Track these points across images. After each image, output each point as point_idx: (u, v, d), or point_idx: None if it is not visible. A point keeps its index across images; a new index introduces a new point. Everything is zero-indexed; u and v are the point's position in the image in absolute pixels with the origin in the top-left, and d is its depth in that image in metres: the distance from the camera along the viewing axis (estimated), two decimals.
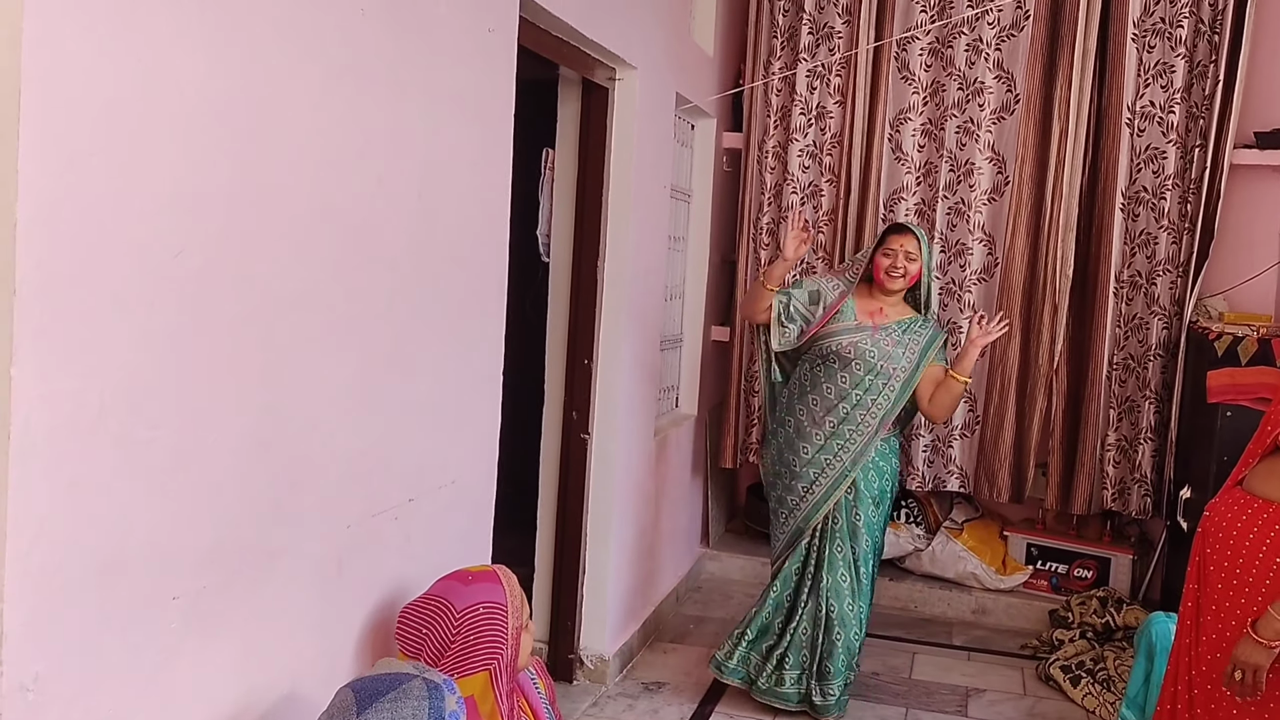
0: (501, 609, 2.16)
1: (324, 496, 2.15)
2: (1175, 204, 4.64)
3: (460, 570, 2.28)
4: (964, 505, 5.20)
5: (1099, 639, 4.42)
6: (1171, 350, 4.65)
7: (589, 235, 3.86)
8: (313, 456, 2.10)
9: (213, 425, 1.82)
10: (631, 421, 4.11)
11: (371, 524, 2.32)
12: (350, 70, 2.13)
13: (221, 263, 1.81)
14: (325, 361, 2.12)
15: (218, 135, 1.78)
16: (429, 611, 2.16)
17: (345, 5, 2.09)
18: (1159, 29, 4.62)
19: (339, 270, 2.14)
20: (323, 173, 2.07)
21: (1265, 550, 2.49)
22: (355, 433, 2.24)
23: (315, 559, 2.14)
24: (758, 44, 5.08)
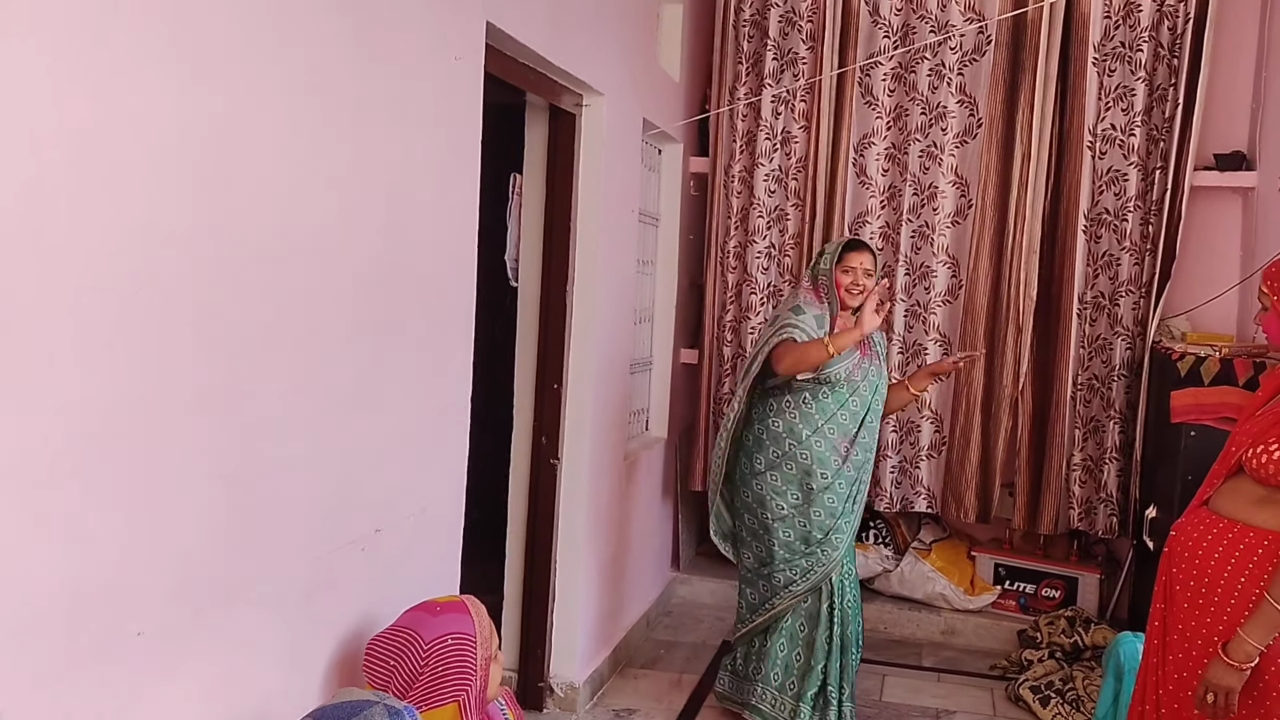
0: (470, 640, 2.15)
1: (290, 529, 2.13)
2: (1137, 225, 4.70)
3: (428, 601, 2.26)
4: (932, 526, 5.22)
5: (1068, 659, 4.44)
6: (1135, 370, 4.70)
7: (557, 260, 3.86)
8: (279, 489, 2.08)
9: (177, 459, 1.80)
10: (601, 446, 4.11)
11: (338, 555, 2.30)
12: (314, 101, 2.12)
13: (184, 296, 1.79)
14: (290, 393, 2.11)
15: (180, 168, 1.77)
16: (396, 643, 2.14)
17: (309, 36, 2.09)
18: (1119, 53, 4.69)
19: (304, 302, 2.13)
20: (287, 204, 2.06)
21: (1230, 570, 2.51)
22: (321, 464, 2.23)
23: (281, 592, 2.12)
24: (723, 70, 5.12)
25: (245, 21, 1.90)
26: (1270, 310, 2.56)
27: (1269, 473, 2.47)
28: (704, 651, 4.68)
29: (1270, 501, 2.50)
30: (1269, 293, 2.56)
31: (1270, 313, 2.56)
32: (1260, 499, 2.52)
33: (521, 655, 3.93)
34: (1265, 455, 2.48)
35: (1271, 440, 2.48)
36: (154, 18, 1.68)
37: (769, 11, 5.04)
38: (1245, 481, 2.57)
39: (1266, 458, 2.48)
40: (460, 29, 2.71)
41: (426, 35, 2.54)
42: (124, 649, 1.72)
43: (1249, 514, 2.53)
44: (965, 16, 4.79)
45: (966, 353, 3.64)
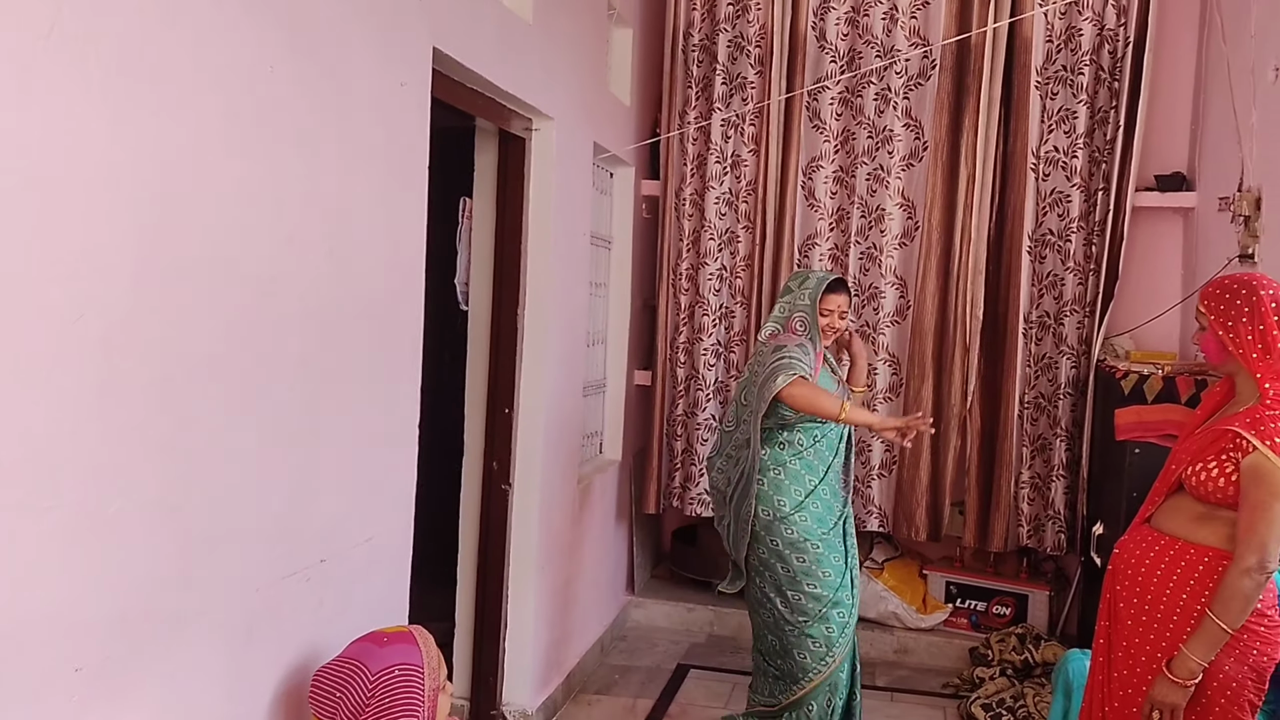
0: (418, 670, 2.13)
1: (233, 560, 2.10)
2: (1080, 246, 4.78)
3: (375, 631, 2.24)
4: (884, 544, 5.25)
5: (1019, 676, 4.48)
6: (1080, 389, 4.77)
7: (508, 283, 3.85)
8: (222, 520, 2.05)
9: (118, 491, 1.77)
10: (554, 470, 4.09)
11: (282, 587, 2.26)
12: (259, 128, 2.11)
13: (127, 325, 1.77)
14: (235, 423, 2.08)
15: (123, 197, 1.75)
16: (343, 674, 2.12)
17: (252, 63, 2.07)
18: (1061, 76, 4.78)
19: (249, 331, 2.11)
20: (231, 233, 2.04)
21: (1172, 587, 2.54)
22: (266, 494, 2.20)
23: (224, 625, 2.09)
24: (673, 94, 5.15)
25: (186, 47, 1.88)
26: (1208, 330, 2.61)
27: (1207, 490, 2.51)
28: (659, 676, 4.66)
29: (1210, 518, 2.54)
30: (1206, 312, 2.60)
31: (1208, 332, 2.61)
32: (1200, 516, 2.56)
33: (474, 683, 3.89)
34: (1204, 473, 2.52)
35: (1210, 458, 2.52)
36: (94, 46, 1.67)
37: (718, 36, 5.09)
38: (1186, 499, 2.61)
39: (1205, 475, 2.52)
40: (406, 55, 2.71)
41: (372, 61, 2.53)
42: (61, 685, 1.68)
43: (1189, 531, 2.57)
44: (910, 41, 4.86)
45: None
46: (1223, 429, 2.52)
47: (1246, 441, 2.43)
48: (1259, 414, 2.46)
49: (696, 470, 5.21)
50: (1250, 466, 2.42)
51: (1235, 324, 2.52)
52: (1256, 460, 2.41)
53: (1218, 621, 2.41)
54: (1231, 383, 2.66)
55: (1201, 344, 2.65)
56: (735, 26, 5.08)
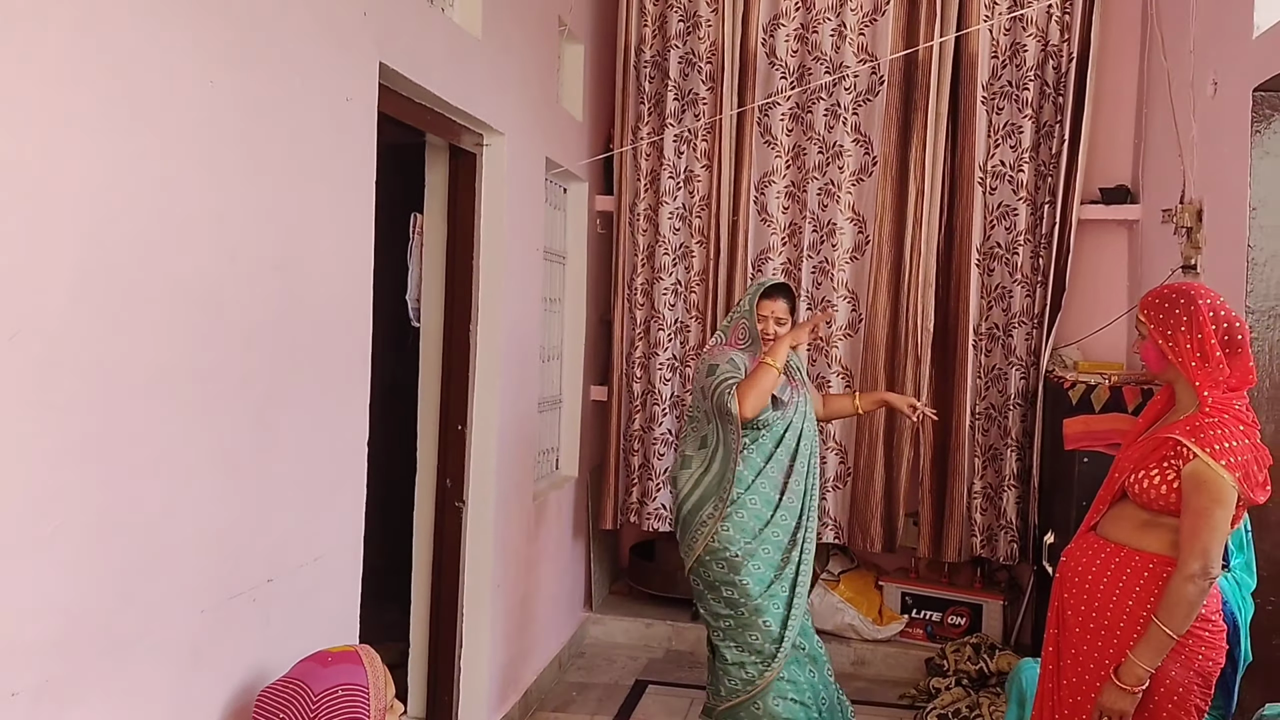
0: (362, 691, 2.10)
1: (177, 581, 2.07)
2: (1028, 258, 4.85)
3: (320, 651, 2.21)
4: (840, 557, 5.27)
5: (974, 686, 4.51)
6: (1030, 399, 4.82)
7: (460, 299, 3.84)
8: (165, 539, 2.02)
9: (58, 512, 1.74)
10: (508, 486, 4.07)
11: (229, 607, 2.23)
12: (199, 142, 2.09)
13: (65, 342, 1.75)
14: (179, 442, 2.06)
15: (58, 212, 1.73)
16: (286, 695, 2.09)
17: (192, 76, 2.06)
18: (1007, 91, 4.85)
19: (193, 348, 2.09)
20: (172, 248, 2.02)
21: (1119, 594, 2.58)
22: (211, 513, 2.17)
23: (168, 647, 2.06)
24: (625, 110, 5.17)
25: (122, 61, 1.86)
26: (1148, 338, 2.65)
27: (1150, 498, 2.55)
28: (617, 692, 4.64)
29: (1154, 525, 2.58)
30: (1146, 321, 2.64)
31: (1148, 341, 2.65)
32: (1144, 523, 2.60)
33: (429, 702, 3.86)
34: (1146, 480, 2.56)
35: (1152, 466, 2.56)
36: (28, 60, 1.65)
37: (669, 53, 5.12)
38: (1130, 506, 2.65)
39: (1148, 483, 2.56)
40: (352, 70, 2.70)
41: (317, 76, 2.52)
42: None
43: (1134, 538, 2.60)
44: (859, 57, 4.91)
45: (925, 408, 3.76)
46: (1163, 437, 2.56)
47: (1187, 449, 2.47)
48: (1198, 422, 2.50)
49: (654, 485, 5.21)
50: (1191, 474, 2.46)
51: (1174, 333, 2.56)
52: (1197, 468, 2.45)
53: (1163, 628, 2.44)
54: (1171, 391, 2.71)
55: (1142, 352, 2.69)
56: (686, 43, 5.11)
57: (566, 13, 4.65)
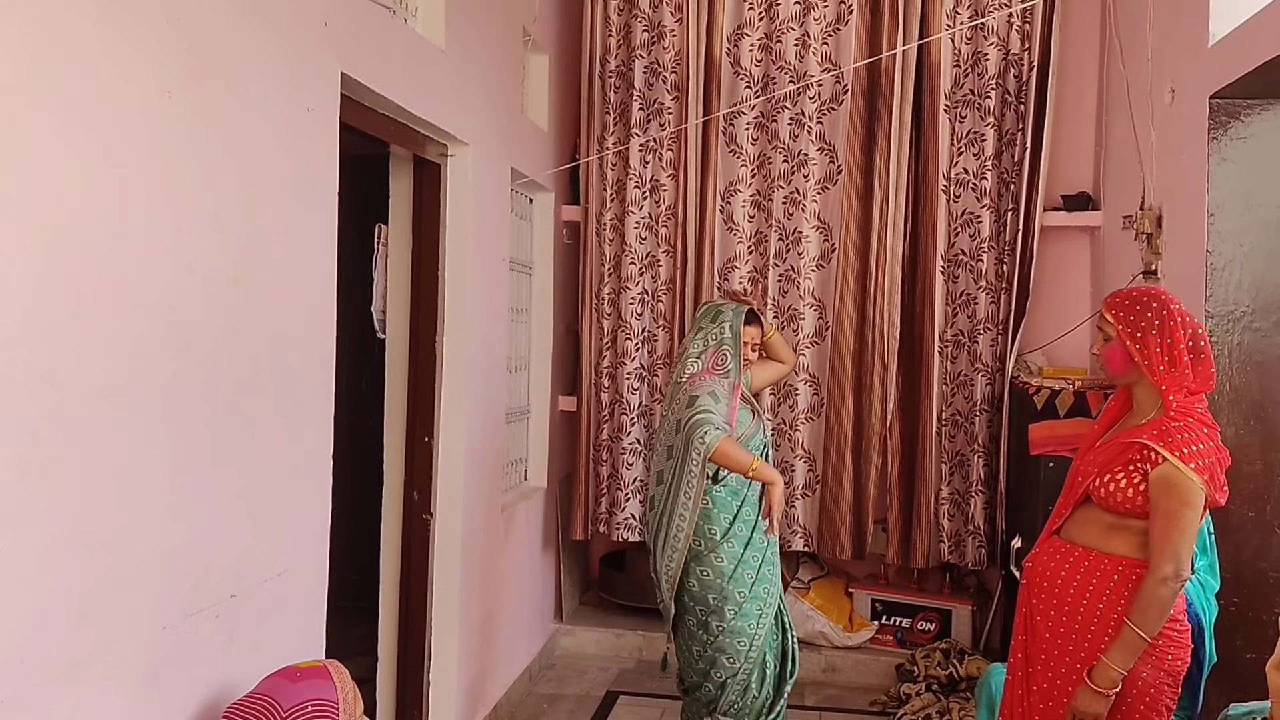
0: (331, 706, 2.08)
1: (136, 598, 2.04)
2: (992, 265, 4.89)
3: (289, 667, 2.19)
4: (810, 564, 5.28)
5: (944, 691, 4.53)
6: (996, 405, 4.86)
7: (426, 310, 3.82)
8: (123, 556, 1.99)
9: (11, 528, 1.71)
10: (476, 498, 4.05)
11: (190, 624, 2.20)
12: (156, 154, 2.07)
13: (18, 357, 1.72)
14: (138, 456, 2.03)
15: (11, 225, 1.70)
16: (254, 711, 2.06)
17: (148, 87, 2.04)
18: (969, 100, 4.89)
19: (150, 362, 2.06)
20: (128, 261, 1.99)
21: (1089, 598, 2.58)
22: (171, 528, 2.14)
23: (128, 665, 2.02)
24: (591, 120, 5.17)
25: (76, 70, 1.84)
26: (1114, 340, 2.64)
27: (1116, 501, 2.56)
28: (588, 703, 4.62)
29: (1119, 528, 2.59)
30: (1114, 323, 2.62)
31: (1113, 343, 2.64)
32: (1110, 526, 2.61)
33: (398, 716, 3.82)
34: (1113, 484, 2.57)
35: (1118, 470, 2.57)
36: None
37: (634, 63, 5.12)
38: (1094, 510, 2.66)
39: (1114, 486, 2.57)
40: (313, 80, 2.68)
41: (277, 86, 2.51)
42: None
43: (1101, 541, 2.62)
44: (822, 66, 4.94)
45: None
46: (1129, 441, 2.57)
47: (1155, 453, 2.48)
48: (1165, 425, 2.52)
49: (623, 495, 5.20)
50: (1160, 478, 2.47)
51: (1145, 336, 2.56)
52: (1166, 471, 2.46)
53: (1137, 630, 2.45)
54: (1129, 394, 2.73)
55: (1105, 354, 2.67)
56: (651, 53, 5.13)
57: (531, 23, 4.65)
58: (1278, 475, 3.53)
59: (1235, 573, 3.48)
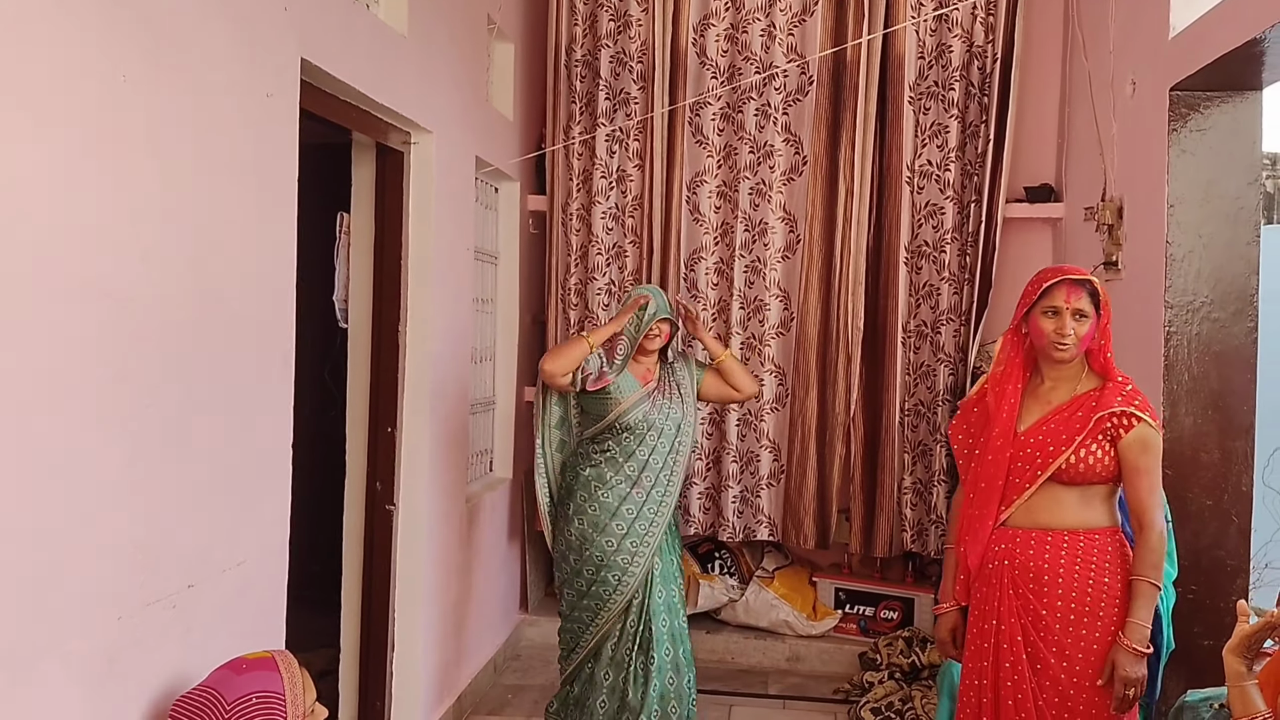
0: (278, 698, 2.07)
1: (91, 588, 2.01)
2: (955, 256, 4.91)
3: (236, 659, 2.17)
4: (774, 553, 5.30)
5: (907, 679, 4.56)
6: (958, 395, 4.89)
7: (388, 300, 3.79)
8: (76, 547, 1.96)
9: None
10: (440, 489, 4.03)
11: (146, 614, 2.18)
12: (111, 139, 2.03)
13: None
14: (90, 446, 2.00)
15: None
16: (199, 704, 2.05)
17: (104, 71, 2.00)
18: (933, 92, 4.91)
19: (104, 350, 2.03)
20: (82, 247, 1.96)
21: (1094, 578, 2.64)
22: (126, 519, 2.11)
23: (82, 656, 2.00)
24: (557, 109, 5.15)
25: (28, 52, 1.81)
26: (1090, 320, 2.68)
27: (1094, 473, 2.62)
28: (553, 694, 4.60)
29: (1088, 502, 2.66)
30: (1101, 310, 2.71)
31: (1091, 322, 2.69)
32: (1080, 502, 2.67)
33: (361, 708, 3.80)
34: (1090, 457, 2.62)
35: (1090, 441, 2.62)
36: None
37: (600, 52, 5.10)
38: (1056, 489, 2.68)
39: (1092, 459, 2.62)
40: (273, 65, 2.65)
41: (236, 71, 2.47)
42: None
43: (1079, 519, 2.67)
44: (788, 57, 4.94)
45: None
46: (1102, 413, 2.62)
47: (1130, 417, 2.60)
48: (1124, 391, 2.64)
49: None
50: (1138, 439, 2.60)
51: (1108, 324, 2.71)
52: (1143, 432, 2.60)
53: (1151, 582, 2.57)
54: (1028, 369, 2.81)
55: (1084, 335, 2.68)
56: (617, 42, 5.11)
57: (496, 11, 4.62)
58: (1235, 464, 3.58)
59: (1193, 560, 3.53)
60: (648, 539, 3.63)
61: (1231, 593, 3.59)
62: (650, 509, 3.64)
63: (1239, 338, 3.55)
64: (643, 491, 3.64)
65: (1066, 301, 2.69)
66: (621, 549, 3.61)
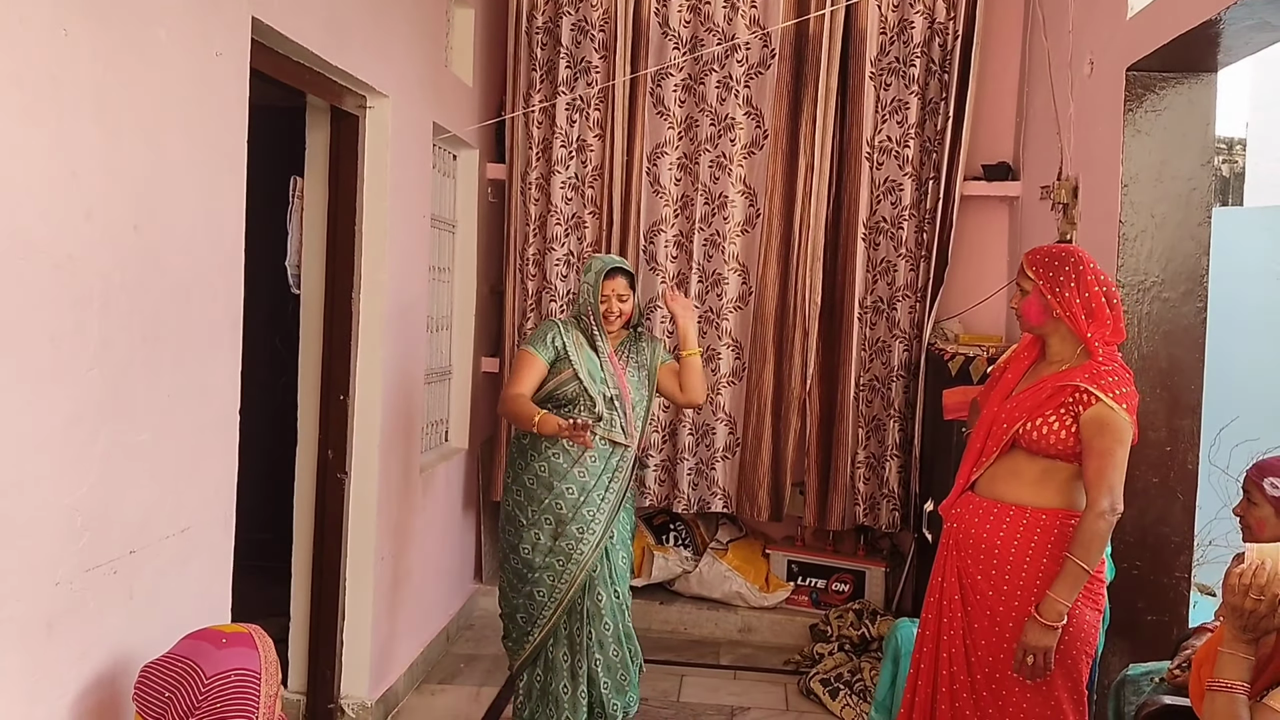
0: (254, 677, 2.04)
1: (27, 553, 1.97)
2: (912, 233, 4.93)
3: (212, 629, 2.13)
4: (728, 526, 5.33)
5: (856, 651, 4.60)
6: (913, 371, 4.92)
7: (342, 266, 3.75)
8: (11, 511, 1.93)
9: None
10: (393, 458, 4.00)
11: (86, 579, 2.14)
12: (50, 96, 1.98)
13: None
14: (26, 410, 1.96)
15: None
16: (175, 673, 2.01)
17: (42, 26, 1.95)
18: (894, 68, 4.91)
19: (41, 311, 1.99)
20: (19, 205, 1.91)
21: (1031, 555, 2.67)
22: (64, 483, 2.07)
23: (19, 621, 1.96)
24: (517, 76, 5.09)
25: None
26: (1030, 294, 2.76)
27: (1050, 443, 2.65)
28: (505, 663, 4.61)
29: (1048, 479, 2.69)
30: (1034, 278, 2.76)
31: (1031, 296, 2.76)
32: (1038, 476, 2.70)
33: (310, 677, 3.78)
34: (1045, 426, 2.66)
35: (1049, 412, 2.66)
36: None
37: (561, 19, 5.05)
38: (1020, 459, 2.72)
39: (1047, 429, 2.66)
40: (222, 24, 2.59)
41: (183, 29, 2.42)
42: None
43: (1031, 495, 2.71)
44: (750, 30, 4.92)
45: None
46: (1061, 384, 2.66)
47: (1089, 395, 2.61)
48: (1095, 369, 2.65)
49: None
50: (1094, 418, 2.60)
51: (1062, 289, 2.70)
52: (1100, 411, 2.60)
53: (1079, 563, 2.56)
54: (1039, 344, 2.85)
55: (1023, 307, 2.80)
56: (578, 10, 5.05)
57: None
58: (1182, 442, 3.63)
59: (1139, 537, 3.58)
60: (603, 505, 3.54)
61: (1175, 569, 3.65)
62: (606, 477, 3.56)
63: (1188, 317, 3.59)
64: (598, 459, 3.57)
65: (1017, 277, 2.83)
66: (578, 517, 3.50)
